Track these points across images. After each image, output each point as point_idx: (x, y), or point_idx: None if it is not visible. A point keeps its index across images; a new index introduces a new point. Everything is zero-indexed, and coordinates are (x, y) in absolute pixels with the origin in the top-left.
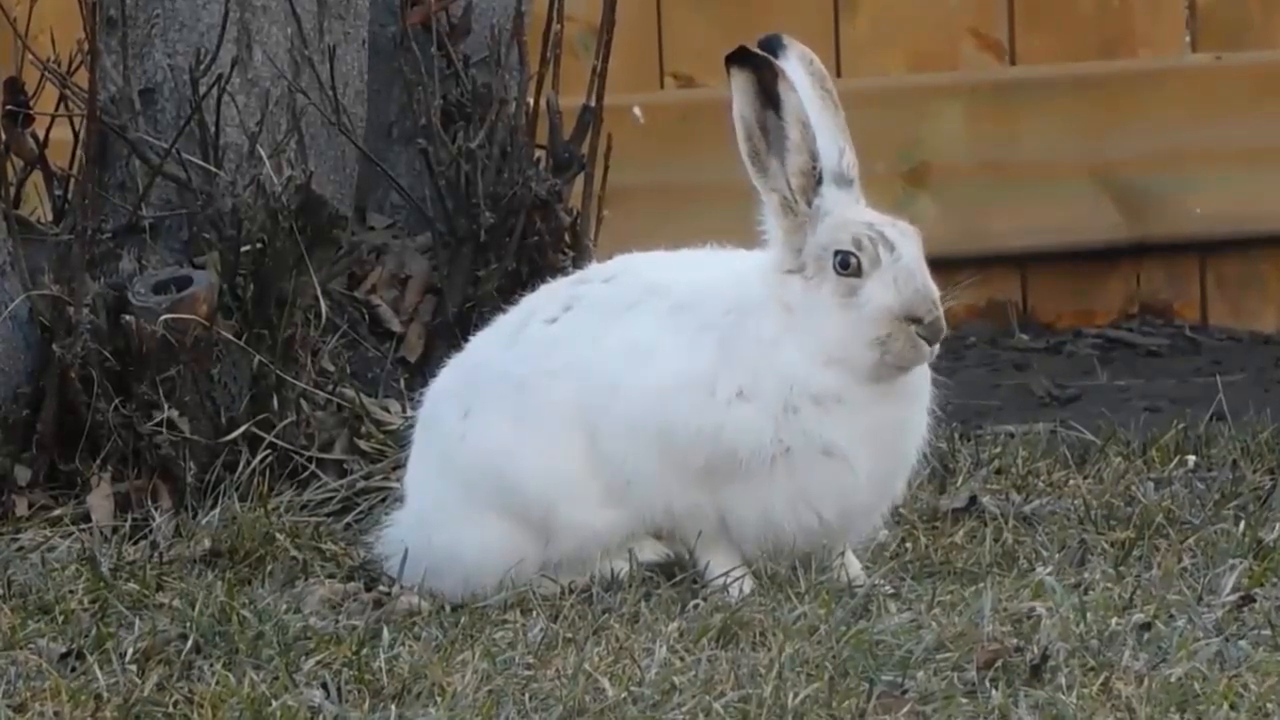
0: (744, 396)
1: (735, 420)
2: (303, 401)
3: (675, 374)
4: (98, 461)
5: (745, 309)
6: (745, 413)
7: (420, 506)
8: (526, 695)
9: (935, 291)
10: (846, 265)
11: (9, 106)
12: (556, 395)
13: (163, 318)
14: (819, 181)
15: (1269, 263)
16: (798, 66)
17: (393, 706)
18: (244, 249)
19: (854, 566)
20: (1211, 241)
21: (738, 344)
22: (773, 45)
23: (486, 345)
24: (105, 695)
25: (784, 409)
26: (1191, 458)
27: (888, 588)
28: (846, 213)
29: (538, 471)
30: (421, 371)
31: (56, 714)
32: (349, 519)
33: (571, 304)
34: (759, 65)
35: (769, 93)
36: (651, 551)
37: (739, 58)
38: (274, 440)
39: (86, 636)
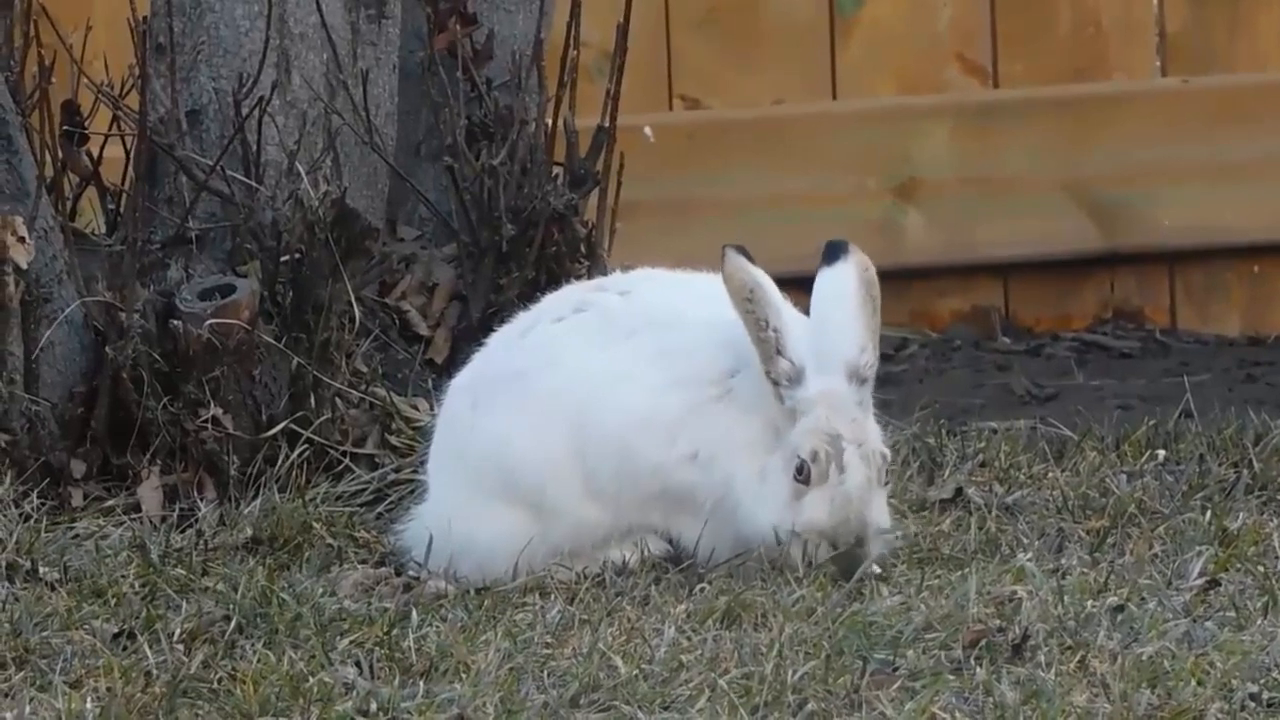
0: (697, 461)
1: (685, 473)
2: (338, 400)
3: (646, 409)
4: (147, 456)
5: (734, 392)
6: (693, 473)
7: (438, 499)
8: (545, 672)
9: (870, 525)
10: (800, 472)
11: (66, 127)
12: (553, 383)
13: (208, 322)
14: (795, 381)
15: (1232, 271)
16: (851, 270)
17: (421, 682)
18: (283, 259)
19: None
20: (1179, 252)
21: (711, 417)
22: (836, 250)
23: (499, 341)
24: (154, 672)
25: (724, 482)
26: (1161, 452)
27: (879, 572)
28: (827, 416)
29: (531, 453)
30: (448, 372)
31: (109, 690)
32: (380, 509)
33: (583, 308)
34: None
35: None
36: (655, 545)
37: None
38: (311, 436)
39: (137, 618)
